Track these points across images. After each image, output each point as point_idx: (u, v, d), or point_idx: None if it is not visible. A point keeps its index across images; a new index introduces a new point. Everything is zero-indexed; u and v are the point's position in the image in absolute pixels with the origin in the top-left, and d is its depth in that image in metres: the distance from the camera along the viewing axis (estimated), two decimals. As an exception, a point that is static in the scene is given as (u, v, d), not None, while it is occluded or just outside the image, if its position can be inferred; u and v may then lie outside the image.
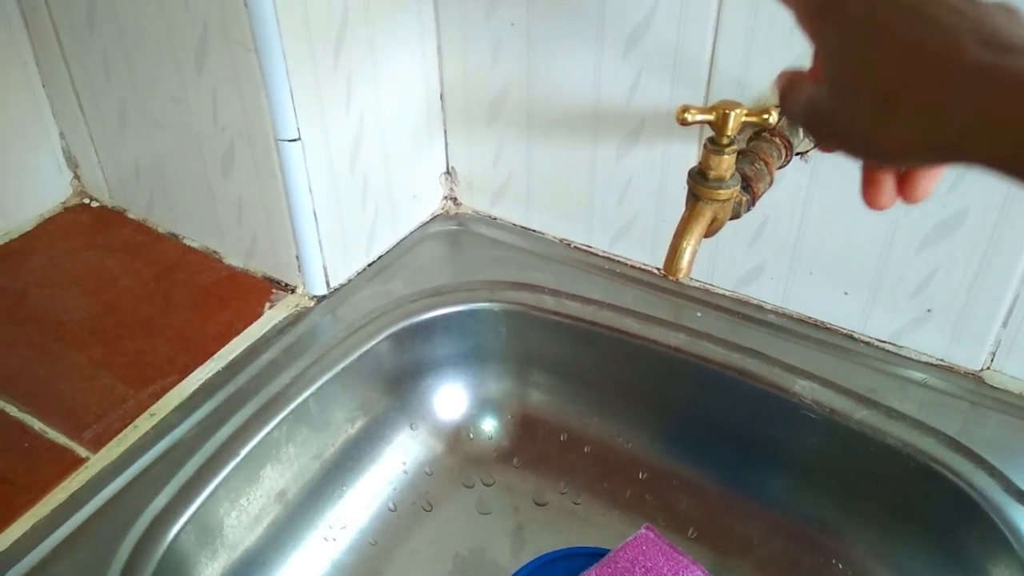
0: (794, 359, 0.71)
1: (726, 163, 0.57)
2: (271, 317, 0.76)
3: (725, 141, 0.56)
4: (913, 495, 0.65)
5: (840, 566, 0.68)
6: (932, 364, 0.71)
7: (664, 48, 0.68)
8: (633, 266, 0.81)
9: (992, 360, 0.69)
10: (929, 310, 0.68)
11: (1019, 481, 0.62)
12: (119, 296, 0.78)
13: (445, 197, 0.89)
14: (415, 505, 0.76)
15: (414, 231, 0.86)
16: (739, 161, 0.59)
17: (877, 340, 0.72)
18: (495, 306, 0.78)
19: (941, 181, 0.43)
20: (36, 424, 0.66)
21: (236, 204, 0.76)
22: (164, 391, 0.68)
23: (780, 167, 0.63)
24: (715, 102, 0.56)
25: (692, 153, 0.71)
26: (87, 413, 0.67)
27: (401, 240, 0.85)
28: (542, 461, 0.79)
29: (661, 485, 0.76)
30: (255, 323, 0.75)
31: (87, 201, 0.90)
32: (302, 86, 0.67)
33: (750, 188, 0.60)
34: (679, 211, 0.58)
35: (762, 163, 0.61)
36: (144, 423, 0.66)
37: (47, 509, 0.60)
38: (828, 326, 0.74)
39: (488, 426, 0.81)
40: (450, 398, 0.80)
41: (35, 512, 0.60)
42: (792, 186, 0.68)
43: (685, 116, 0.55)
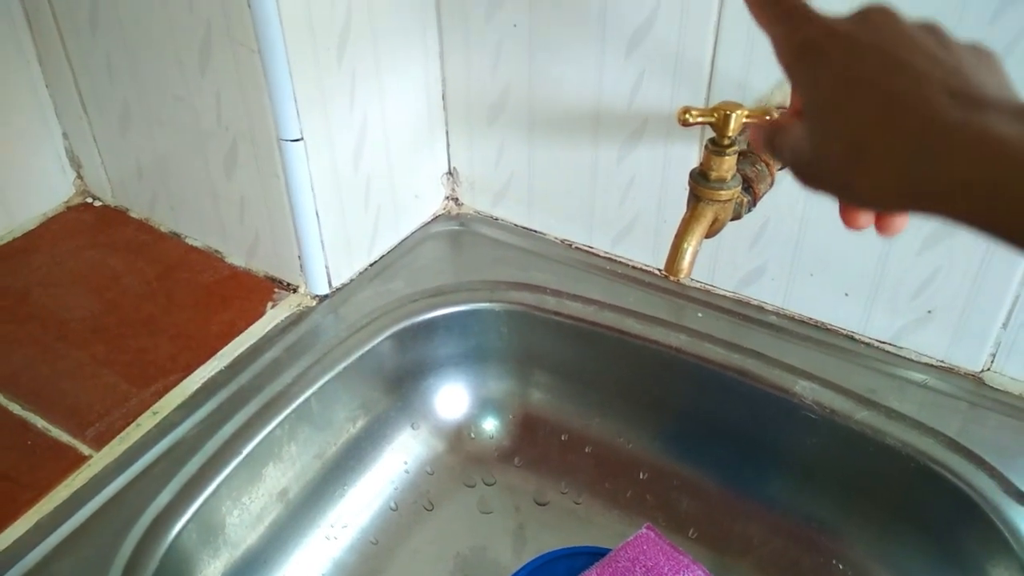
0: (795, 360, 0.71)
1: (727, 164, 0.57)
2: (273, 316, 0.76)
3: (726, 142, 0.56)
4: (913, 495, 0.66)
5: (840, 566, 0.69)
6: (932, 365, 0.71)
7: (665, 50, 0.68)
8: (634, 267, 0.81)
9: (992, 361, 0.69)
10: (929, 311, 0.69)
11: (1018, 482, 0.62)
12: (122, 295, 0.78)
13: (447, 197, 0.90)
14: (416, 504, 0.76)
15: (416, 231, 0.87)
16: (740, 162, 0.60)
17: (877, 341, 0.73)
18: (496, 306, 0.78)
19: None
20: (39, 422, 0.66)
21: (238, 204, 0.77)
22: (167, 389, 0.69)
23: (781, 168, 0.63)
24: (716, 103, 0.56)
25: (693, 154, 0.72)
26: (90, 411, 0.67)
27: (403, 240, 0.85)
28: (543, 461, 0.79)
29: (662, 485, 0.76)
30: (257, 322, 0.75)
31: (90, 200, 0.90)
32: (305, 86, 0.67)
33: (751, 189, 0.60)
34: (680, 212, 0.59)
35: (763, 164, 0.61)
36: (147, 421, 0.66)
37: (50, 507, 0.60)
38: (829, 327, 0.74)
39: (489, 426, 0.81)
40: (451, 398, 0.81)
41: (38, 509, 0.60)
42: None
43: (686, 117, 0.55)
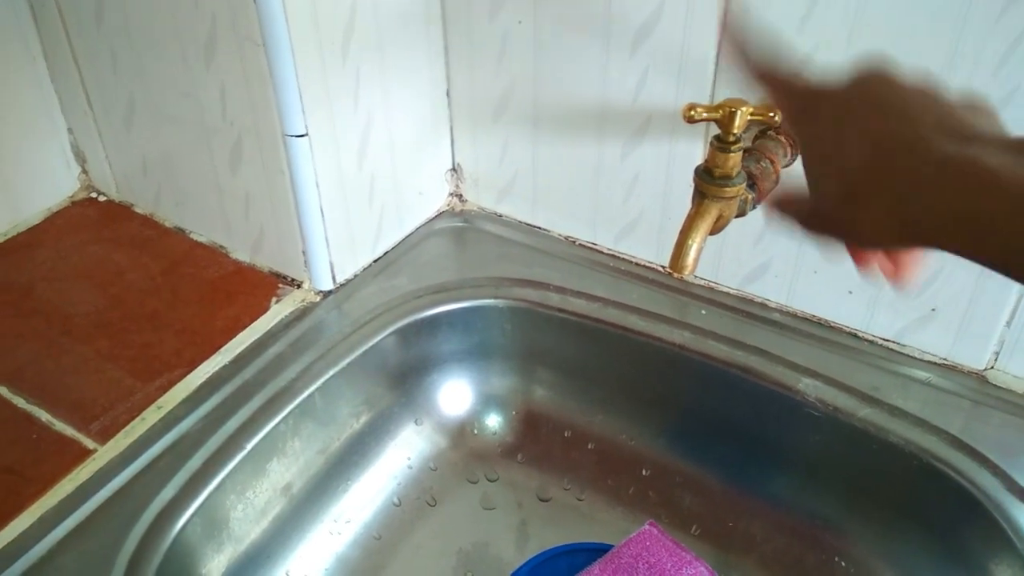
0: (798, 357, 0.71)
1: (732, 161, 0.57)
2: (277, 312, 0.76)
3: (731, 139, 0.56)
4: (916, 493, 0.66)
5: (843, 563, 0.69)
6: (936, 363, 0.71)
7: (670, 46, 0.68)
8: (638, 264, 0.81)
9: (996, 359, 0.69)
10: (933, 309, 0.69)
11: (1021, 480, 0.62)
12: (126, 290, 0.78)
13: (451, 194, 0.90)
14: (419, 500, 0.76)
15: (420, 227, 0.87)
16: (745, 159, 0.60)
17: (881, 339, 0.73)
18: (500, 303, 0.78)
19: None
20: (44, 416, 0.66)
21: (243, 199, 0.77)
22: (171, 384, 0.69)
23: (786, 166, 0.63)
24: (721, 100, 0.56)
25: (698, 151, 0.72)
26: (94, 405, 0.67)
27: (407, 236, 0.85)
28: (546, 457, 0.79)
29: (664, 482, 0.76)
30: (261, 318, 0.75)
31: (94, 195, 0.90)
32: (310, 82, 0.67)
33: (756, 186, 0.60)
34: (684, 209, 0.59)
35: (768, 161, 0.61)
36: (151, 415, 0.66)
37: (55, 500, 0.60)
38: (832, 324, 0.74)
39: (492, 422, 0.81)
40: (455, 394, 0.81)
41: (43, 503, 0.60)
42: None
43: (691, 114, 0.55)
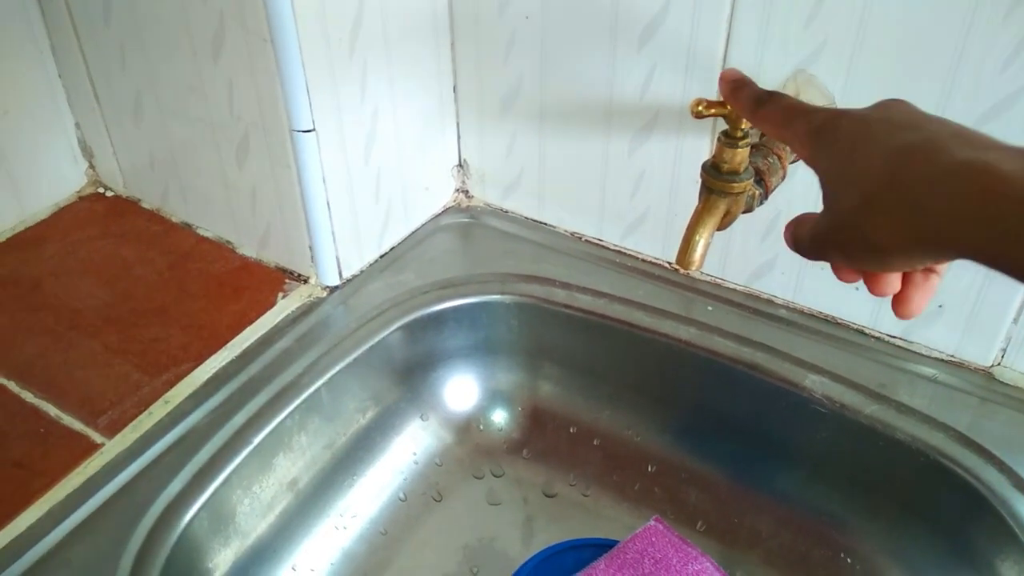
0: (805, 354, 0.71)
1: (740, 156, 0.57)
2: (284, 307, 0.76)
3: (739, 134, 0.56)
4: (922, 490, 0.66)
5: (848, 560, 0.69)
6: (943, 360, 0.71)
7: (678, 42, 0.68)
8: (644, 260, 0.81)
9: (1003, 356, 0.69)
10: (940, 306, 0.68)
11: (1028, 477, 0.62)
12: (133, 285, 0.79)
13: (457, 190, 0.90)
14: (425, 495, 0.76)
15: (426, 223, 0.87)
16: (752, 155, 0.60)
17: (888, 335, 0.72)
18: (506, 298, 0.78)
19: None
20: (52, 410, 0.67)
21: (250, 194, 0.77)
22: (178, 379, 0.69)
23: (793, 161, 0.63)
24: (729, 96, 0.56)
25: (705, 147, 0.72)
26: (102, 399, 0.67)
27: (413, 232, 0.86)
28: (552, 453, 0.79)
29: (670, 478, 0.76)
30: (268, 313, 0.75)
31: (102, 190, 0.90)
32: (317, 77, 0.67)
33: (763, 182, 0.60)
34: (691, 206, 0.59)
35: (775, 157, 0.61)
36: (159, 410, 0.66)
37: (63, 494, 0.60)
38: (839, 321, 0.74)
39: (498, 418, 0.81)
40: (461, 389, 0.81)
41: (51, 497, 0.60)
42: (805, 180, 0.68)
43: (699, 109, 0.55)
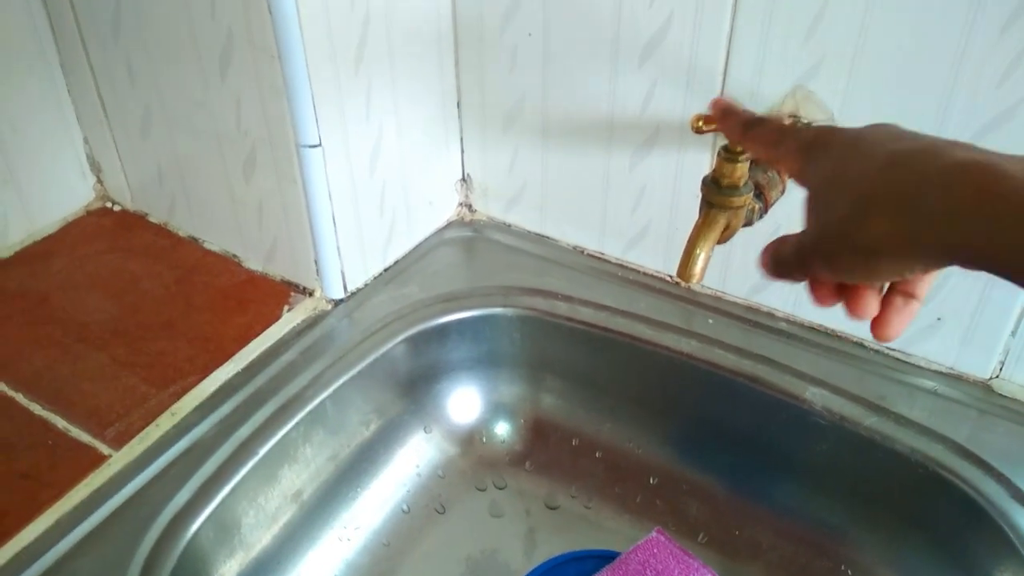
0: (805, 366, 0.72)
1: (739, 171, 0.58)
2: (289, 320, 0.77)
3: (739, 150, 0.57)
4: (921, 501, 0.66)
5: (849, 571, 0.69)
6: (941, 372, 0.71)
7: (678, 58, 0.69)
8: (646, 273, 0.82)
9: (1001, 369, 0.69)
10: (939, 319, 0.69)
11: (1027, 488, 0.62)
12: (141, 298, 0.79)
13: (460, 204, 0.91)
14: (428, 507, 0.76)
15: (430, 237, 0.88)
16: (752, 169, 0.60)
17: (887, 348, 0.73)
18: (509, 311, 0.79)
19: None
20: (60, 422, 0.67)
21: (256, 208, 0.78)
22: (185, 391, 0.70)
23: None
24: (729, 112, 0.57)
25: (705, 161, 0.72)
26: (110, 411, 0.68)
27: (417, 245, 0.86)
28: (554, 465, 0.80)
29: (671, 490, 0.76)
30: (274, 325, 0.76)
31: (109, 205, 0.91)
32: (323, 93, 0.68)
33: (763, 196, 0.61)
34: (692, 220, 0.59)
35: (774, 172, 0.62)
36: (165, 422, 0.67)
37: (70, 505, 0.61)
38: (839, 334, 0.75)
39: (501, 430, 0.81)
40: (464, 402, 0.81)
41: (58, 507, 0.61)
42: (804, 195, 0.69)
43: (699, 124, 0.56)
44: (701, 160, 0.73)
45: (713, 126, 0.56)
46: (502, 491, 0.78)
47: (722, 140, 0.58)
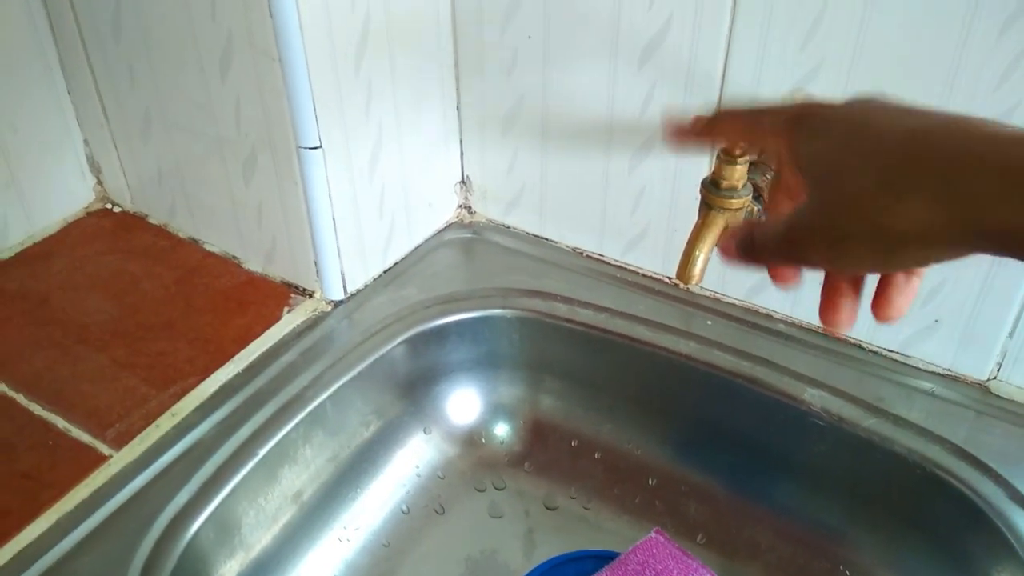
0: (803, 368, 0.72)
1: (738, 173, 0.58)
2: (289, 321, 0.77)
3: (737, 152, 0.57)
4: (920, 502, 0.66)
5: (847, 572, 0.69)
6: (939, 374, 0.72)
7: (678, 61, 0.69)
8: (645, 275, 0.82)
9: (998, 370, 0.70)
10: (937, 320, 0.69)
11: (1024, 489, 0.63)
12: (141, 299, 0.79)
13: (460, 206, 0.91)
14: (427, 508, 0.77)
15: (429, 239, 0.88)
16: (751, 171, 0.60)
17: (885, 350, 0.73)
18: (508, 313, 0.79)
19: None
20: (60, 422, 0.67)
21: (256, 210, 0.78)
22: (185, 392, 0.70)
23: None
24: (728, 114, 0.57)
25: (704, 163, 0.73)
26: (110, 412, 0.68)
27: (416, 247, 0.87)
28: (553, 466, 0.80)
29: (670, 491, 0.76)
30: (274, 327, 0.76)
31: (109, 206, 0.91)
32: (324, 95, 0.68)
33: (762, 198, 0.61)
34: (691, 222, 0.59)
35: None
36: (166, 422, 0.67)
37: (71, 505, 0.61)
38: (837, 335, 0.75)
39: (500, 431, 0.82)
40: (463, 403, 0.82)
41: (59, 508, 0.61)
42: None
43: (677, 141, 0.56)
44: (700, 162, 0.73)
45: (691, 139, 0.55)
46: (501, 492, 0.78)
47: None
